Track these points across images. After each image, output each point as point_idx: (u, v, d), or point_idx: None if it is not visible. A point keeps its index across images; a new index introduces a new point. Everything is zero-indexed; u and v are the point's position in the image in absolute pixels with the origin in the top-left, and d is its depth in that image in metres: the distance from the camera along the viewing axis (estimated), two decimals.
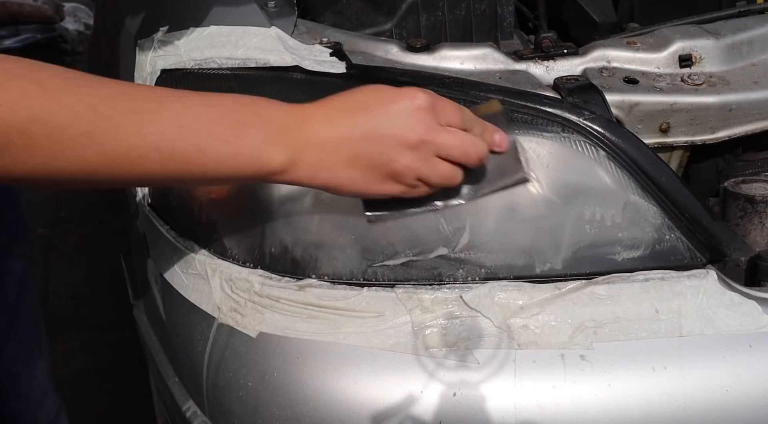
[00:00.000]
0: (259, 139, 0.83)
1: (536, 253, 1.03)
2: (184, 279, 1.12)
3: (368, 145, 0.85)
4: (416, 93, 0.87)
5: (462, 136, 0.88)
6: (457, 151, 0.88)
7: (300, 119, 0.85)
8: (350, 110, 0.86)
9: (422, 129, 0.86)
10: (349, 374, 0.99)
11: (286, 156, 0.84)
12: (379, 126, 0.85)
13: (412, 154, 0.86)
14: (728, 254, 1.06)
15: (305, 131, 0.85)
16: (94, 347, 2.43)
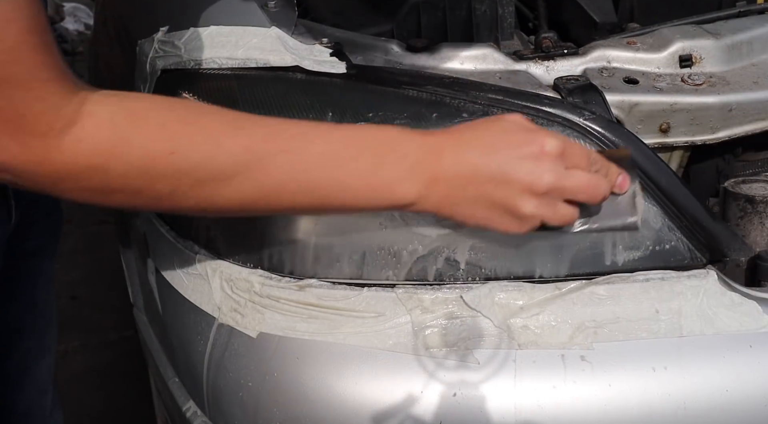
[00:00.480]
0: (395, 175, 0.87)
1: (536, 253, 1.03)
2: (184, 279, 1.12)
3: (494, 186, 0.87)
4: (547, 139, 0.87)
5: (589, 178, 0.90)
6: (582, 195, 0.90)
7: (432, 153, 0.87)
8: (480, 149, 0.88)
9: (550, 178, 0.87)
10: (349, 374, 0.99)
11: (417, 191, 0.87)
12: (508, 170, 0.87)
13: (537, 200, 0.88)
14: (728, 254, 1.06)
15: (436, 166, 0.87)
16: (94, 347, 2.43)
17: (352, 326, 1.00)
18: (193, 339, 1.10)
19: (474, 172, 0.87)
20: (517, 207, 0.88)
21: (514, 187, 0.87)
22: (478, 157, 0.87)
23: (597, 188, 0.90)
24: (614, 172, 0.93)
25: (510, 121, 0.90)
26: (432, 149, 0.88)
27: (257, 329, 1.03)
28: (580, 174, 0.89)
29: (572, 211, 0.90)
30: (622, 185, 0.93)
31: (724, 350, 1.00)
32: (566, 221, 0.91)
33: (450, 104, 1.05)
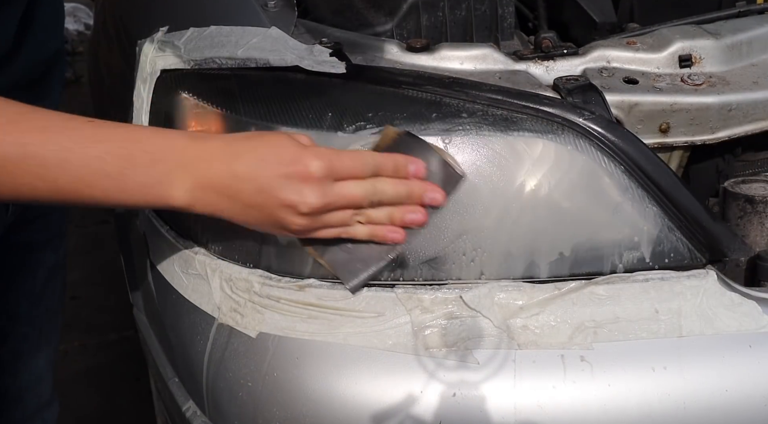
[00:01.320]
0: (149, 178, 0.87)
1: (536, 253, 1.03)
2: (184, 279, 1.13)
3: (262, 201, 0.89)
4: (311, 160, 0.89)
5: (361, 187, 0.92)
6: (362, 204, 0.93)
7: (195, 159, 0.88)
8: (249, 162, 0.89)
9: (314, 199, 0.89)
10: (349, 374, 0.99)
11: (182, 194, 0.88)
12: (273, 188, 0.89)
13: (303, 218, 0.90)
14: (728, 254, 1.06)
15: (199, 174, 0.88)
16: (94, 348, 2.44)
17: (351, 326, 1.00)
18: (193, 339, 1.10)
19: (241, 185, 0.89)
20: (285, 223, 0.91)
21: (280, 205, 0.89)
22: (246, 170, 0.88)
23: (374, 192, 0.92)
24: (402, 166, 0.94)
25: (284, 137, 0.92)
26: (195, 155, 0.88)
27: (257, 329, 1.03)
28: (352, 186, 0.91)
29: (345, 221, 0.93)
30: (418, 171, 0.95)
31: (723, 350, 1.00)
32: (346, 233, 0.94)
33: (450, 104, 1.05)
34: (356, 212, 0.94)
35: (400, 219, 0.95)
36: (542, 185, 1.03)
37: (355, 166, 0.91)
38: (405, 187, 0.95)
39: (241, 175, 0.88)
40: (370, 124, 1.03)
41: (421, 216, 0.96)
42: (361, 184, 0.92)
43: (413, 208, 0.96)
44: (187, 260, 1.12)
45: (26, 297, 1.32)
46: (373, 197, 0.93)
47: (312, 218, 0.91)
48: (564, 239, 1.03)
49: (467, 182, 1.02)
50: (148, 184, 0.87)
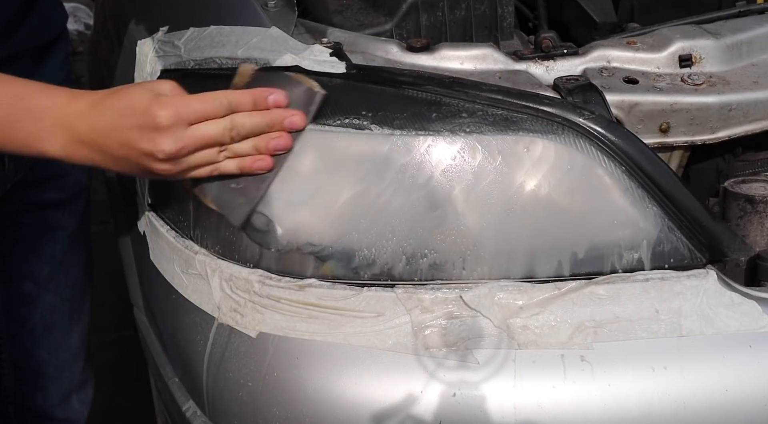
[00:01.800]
0: (29, 133, 0.96)
1: (536, 253, 1.03)
2: (184, 279, 1.12)
3: (125, 152, 0.96)
4: (158, 111, 0.94)
5: (215, 127, 0.97)
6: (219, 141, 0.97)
7: (69, 117, 0.96)
8: (109, 117, 0.95)
9: (167, 146, 0.94)
10: (349, 374, 0.99)
11: (58, 148, 0.96)
12: (131, 139, 0.95)
13: (165, 164, 0.96)
14: (728, 254, 1.06)
15: (72, 131, 0.96)
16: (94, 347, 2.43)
17: (352, 326, 1.00)
18: (193, 339, 1.10)
19: (105, 139, 0.96)
20: (151, 170, 0.97)
21: (141, 154, 0.95)
22: (106, 125, 0.95)
23: (232, 127, 0.96)
24: (262, 98, 0.99)
25: (141, 89, 0.97)
26: (73, 114, 0.96)
27: (257, 329, 1.03)
28: (207, 127, 0.96)
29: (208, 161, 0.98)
30: (279, 100, 1.00)
31: (723, 349, 1.00)
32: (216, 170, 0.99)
33: (450, 104, 1.05)
34: (222, 149, 0.98)
35: (265, 147, 0.99)
36: (542, 185, 1.03)
37: (206, 108, 0.96)
38: (263, 118, 0.99)
39: (102, 130, 0.95)
40: (370, 123, 1.04)
41: (284, 141, 1.00)
42: (217, 123, 0.96)
43: (276, 134, 0.99)
44: (187, 260, 1.12)
45: (48, 261, 1.36)
46: (232, 133, 0.97)
47: (175, 163, 0.96)
48: (564, 238, 1.03)
49: (467, 182, 1.02)
50: (28, 138, 0.96)
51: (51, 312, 1.38)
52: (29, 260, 1.34)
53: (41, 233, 1.33)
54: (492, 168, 1.03)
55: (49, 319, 1.39)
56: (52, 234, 1.35)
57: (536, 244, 1.03)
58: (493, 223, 1.02)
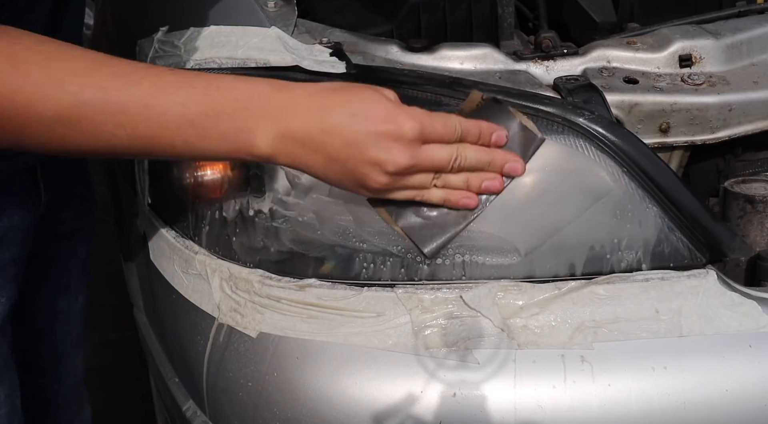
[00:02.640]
0: (231, 126, 0.85)
1: (536, 253, 1.03)
2: (184, 279, 1.12)
3: (346, 156, 0.88)
4: (406, 121, 0.88)
5: (449, 152, 0.91)
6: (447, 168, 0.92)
7: (280, 109, 0.86)
8: (340, 116, 0.87)
9: (403, 159, 0.88)
10: (349, 374, 0.99)
11: (266, 143, 0.86)
12: (363, 144, 0.87)
13: (388, 177, 0.89)
14: (728, 254, 1.06)
15: (284, 124, 0.86)
16: (94, 347, 2.43)
17: (352, 326, 1.00)
18: (193, 339, 1.10)
19: (328, 138, 0.87)
20: (367, 180, 0.89)
21: (366, 161, 0.87)
22: (335, 124, 0.87)
23: (457, 157, 0.91)
24: (486, 133, 0.94)
25: (376, 93, 0.90)
26: (283, 106, 0.86)
27: (257, 329, 1.03)
28: (438, 150, 0.90)
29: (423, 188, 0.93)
30: (500, 139, 0.95)
31: (724, 350, 1.00)
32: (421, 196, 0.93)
33: (450, 104, 1.05)
34: (435, 176, 0.93)
35: (477, 185, 0.95)
36: (542, 185, 1.03)
37: (445, 131, 0.91)
38: (487, 155, 0.94)
39: (329, 128, 0.86)
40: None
41: (498, 183, 0.95)
42: (447, 149, 0.91)
43: (491, 175, 0.95)
44: (187, 260, 1.12)
45: (62, 292, 1.32)
46: (455, 162, 0.92)
47: (395, 178, 0.90)
48: (564, 238, 1.03)
49: None
50: (230, 132, 0.85)
51: (62, 343, 1.35)
52: (45, 294, 1.29)
53: (57, 263, 1.29)
54: None
55: (60, 350, 1.35)
56: (66, 264, 1.31)
57: (536, 244, 1.03)
58: (493, 222, 1.02)
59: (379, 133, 0.87)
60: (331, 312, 1.01)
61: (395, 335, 0.99)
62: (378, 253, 1.03)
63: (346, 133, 0.87)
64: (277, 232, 1.05)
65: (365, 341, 0.99)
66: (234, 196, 1.09)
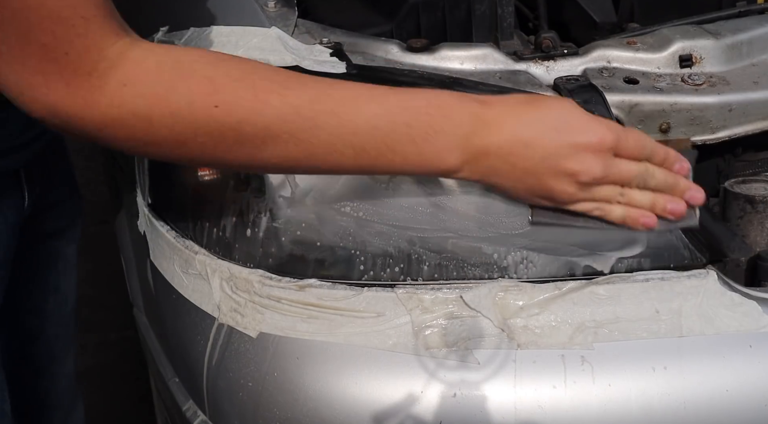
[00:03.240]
0: (445, 143, 0.88)
1: (536, 253, 1.03)
2: (184, 279, 1.12)
3: (543, 169, 0.89)
4: (606, 131, 0.89)
5: (637, 168, 0.92)
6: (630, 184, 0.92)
7: (487, 125, 0.89)
8: (539, 129, 0.89)
9: (598, 170, 0.89)
10: (349, 375, 0.99)
11: (464, 160, 0.89)
12: (560, 155, 0.89)
13: (577, 187, 0.90)
14: (728, 254, 1.06)
15: (490, 138, 0.89)
16: (94, 347, 2.43)
17: (352, 326, 1.00)
18: (193, 339, 1.10)
19: (526, 151, 0.89)
20: (555, 191, 0.90)
21: (560, 172, 0.89)
22: (534, 137, 0.89)
23: (645, 175, 0.92)
24: (671, 158, 0.94)
25: (571, 104, 0.92)
26: (488, 120, 0.89)
27: (257, 329, 1.03)
28: (628, 165, 0.91)
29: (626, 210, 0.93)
30: (681, 169, 0.94)
31: (724, 350, 1.00)
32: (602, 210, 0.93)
33: None
34: (622, 191, 0.93)
35: (662, 206, 0.94)
36: None
37: (637, 147, 0.91)
38: (673, 179, 0.94)
39: (529, 142, 0.88)
40: None
41: (682, 208, 0.94)
42: (636, 164, 0.92)
43: (675, 198, 0.94)
44: (187, 260, 1.12)
45: (51, 293, 1.33)
46: (641, 179, 0.92)
47: (584, 189, 0.91)
48: (564, 238, 1.03)
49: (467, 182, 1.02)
50: (439, 150, 0.89)
51: (54, 343, 1.36)
52: (33, 295, 1.31)
53: (44, 264, 1.31)
54: None
55: (51, 350, 1.37)
56: (54, 264, 1.32)
57: (536, 243, 1.03)
58: (493, 222, 1.02)
59: (579, 144, 0.89)
60: (332, 312, 1.01)
61: (395, 335, 0.99)
62: (378, 254, 1.03)
63: (546, 146, 0.88)
64: (277, 232, 1.05)
65: (365, 341, 0.99)
66: (234, 197, 1.09)
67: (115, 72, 0.82)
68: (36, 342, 1.33)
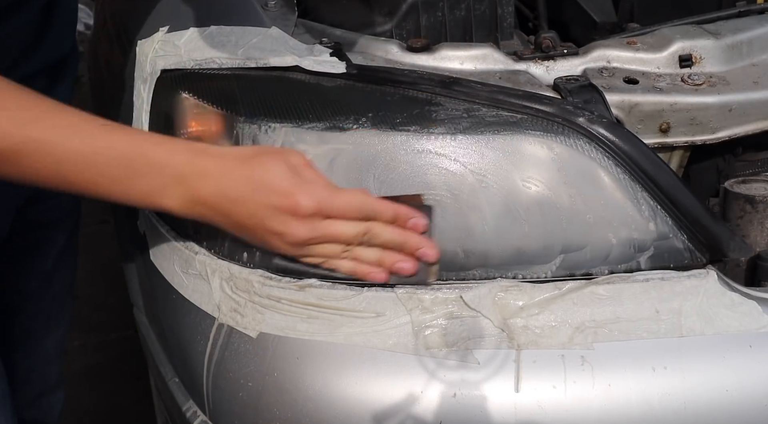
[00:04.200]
0: (149, 188, 0.93)
1: (537, 253, 1.03)
2: (184, 279, 1.12)
3: (251, 225, 0.94)
4: (303, 198, 0.91)
5: (352, 229, 0.94)
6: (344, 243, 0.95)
7: (197, 176, 0.92)
8: (242, 187, 0.92)
9: (300, 233, 0.93)
10: (349, 375, 0.99)
11: (178, 205, 0.93)
12: (263, 216, 0.92)
13: (290, 247, 0.95)
14: (728, 254, 1.06)
15: (200, 190, 0.93)
16: (94, 347, 2.44)
17: (352, 326, 1.00)
18: (193, 339, 1.10)
19: (232, 207, 0.93)
20: (274, 247, 0.95)
21: (269, 232, 0.93)
22: (237, 195, 0.92)
23: (366, 234, 0.94)
24: (403, 216, 0.95)
25: (281, 165, 0.93)
26: (199, 172, 0.93)
27: (257, 329, 1.03)
28: (342, 226, 0.94)
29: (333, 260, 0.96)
30: (417, 226, 0.96)
31: (724, 350, 1.00)
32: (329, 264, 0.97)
33: (450, 104, 1.05)
34: (346, 248, 0.96)
35: (389, 265, 0.97)
36: (543, 185, 1.03)
37: (348, 210, 0.94)
38: (401, 237, 0.96)
39: (232, 198, 0.92)
40: (370, 123, 1.04)
41: (410, 266, 0.97)
42: (354, 226, 0.94)
43: (404, 257, 0.97)
44: (187, 260, 1.12)
45: (36, 276, 1.37)
46: (364, 238, 0.95)
47: (299, 247, 0.95)
48: (564, 238, 1.03)
49: (468, 182, 1.02)
50: (148, 192, 0.93)
51: (30, 320, 1.40)
52: (18, 276, 1.34)
53: (33, 250, 1.34)
54: (492, 168, 1.03)
55: (27, 326, 1.40)
56: (43, 251, 1.36)
57: (536, 244, 1.03)
58: (493, 223, 1.02)
59: (277, 208, 0.91)
60: (332, 312, 1.01)
61: (395, 335, 0.99)
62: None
63: (247, 204, 0.92)
64: None
65: (365, 341, 0.99)
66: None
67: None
68: (12, 317, 1.37)
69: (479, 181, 1.03)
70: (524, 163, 1.03)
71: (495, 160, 1.03)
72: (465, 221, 1.02)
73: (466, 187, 1.02)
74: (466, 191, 1.02)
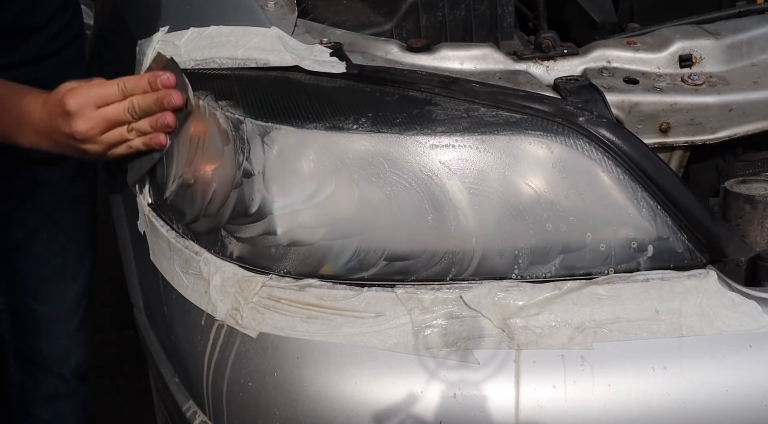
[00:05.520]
0: (8, 127, 1.18)
1: (537, 253, 1.03)
2: (184, 279, 1.12)
3: (60, 138, 1.15)
4: (68, 99, 1.11)
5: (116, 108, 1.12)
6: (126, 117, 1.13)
7: (31, 114, 1.16)
8: (44, 111, 1.15)
9: (80, 128, 1.12)
10: (349, 374, 0.99)
11: (26, 141, 1.18)
12: (58, 126, 1.14)
13: (87, 144, 1.14)
14: (728, 254, 1.06)
15: (33, 124, 1.16)
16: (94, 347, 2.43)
17: (352, 326, 1.00)
18: (193, 339, 1.10)
19: (48, 128, 1.15)
20: (80, 150, 1.15)
21: (66, 137, 1.14)
22: (45, 118, 1.14)
23: (130, 108, 1.12)
24: (152, 79, 1.11)
25: (64, 85, 1.14)
26: (33, 113, 1.15)
27: (257, 329, 1.03)
28: (108, 109, 1.12)
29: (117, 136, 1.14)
30: (167, 82, 1.11)
31: (724, 350, 1.00)
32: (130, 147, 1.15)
33: (450, 104, 1.05)
34: (130, 128, 1.13)
35: (156, 125, 1.13)
36: (543, 185, 1.03)
37: (105, 92, 1.12)
38: (152, 96, 1.12)
39: (46, 121, 1.14)
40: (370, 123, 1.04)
41: (167, 119, 1.12)
42: (119, 105, 1.12)
43: (162, 114, 1.12)
44: (187, 260, 1.12)
45: (34, 211, 1.47)
46: (131, 112, 1.12)
47: (95, 142, 1.13)
48: (564, 238, 1.03)
49: (467, 182, 1.02)
50: (10, 130, 1.18)
51: (43, 264, 1.49)
52: (16, 208, 1.46)
53: (28, 184, 1.46)
54: (492, 168, 1.03)
55: (41, 270, 1.49)
56: (38, 186, 1.47)
57: (536, 244, 1.03)
58: (494, 223, 1.02)
59: (60, 114, 1.12)
60: (332, 312, 1.01)
61: (395, 335, 0.99)
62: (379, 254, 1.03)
63: (51, 122, 1.14)
64: (277, 232, 1.05)
65: (365, 341, 0.99)
66: (234, 197, 1.09)
67: None
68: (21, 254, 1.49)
69: (479, 181, 1.03)
70: (524, 163, 1.03)
71: (494, 160, 1.03)
72: (465, 222, 1.02)
73: (465, 187, 1.02)
74: (466, 191, 1.02)
